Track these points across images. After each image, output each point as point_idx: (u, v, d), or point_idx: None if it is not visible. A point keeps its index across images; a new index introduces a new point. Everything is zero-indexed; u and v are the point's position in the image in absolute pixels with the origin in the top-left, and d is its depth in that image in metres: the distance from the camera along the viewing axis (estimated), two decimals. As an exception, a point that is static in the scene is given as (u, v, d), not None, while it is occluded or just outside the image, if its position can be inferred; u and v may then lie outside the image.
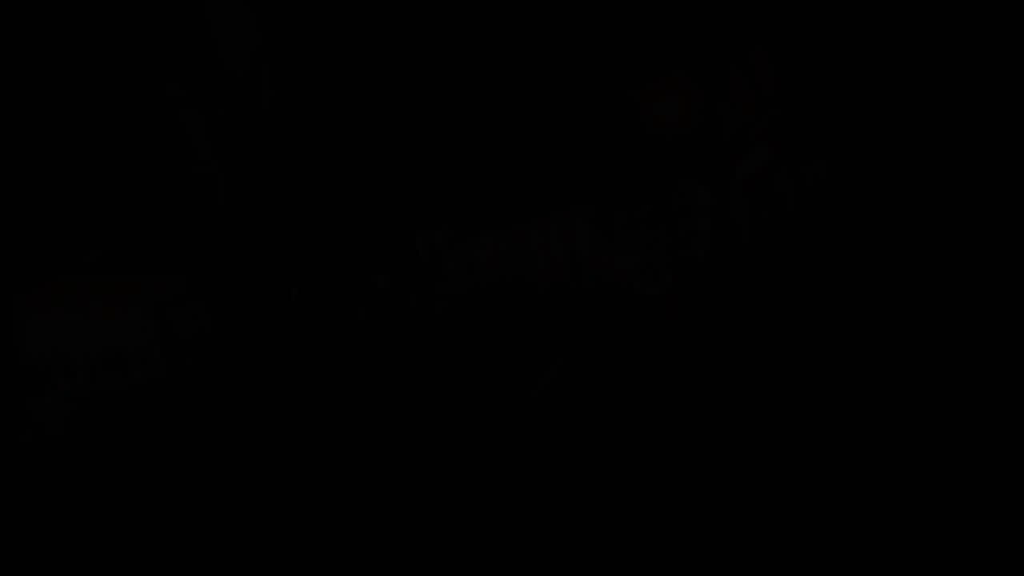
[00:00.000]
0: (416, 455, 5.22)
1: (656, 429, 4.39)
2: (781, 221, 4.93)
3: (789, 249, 4.66)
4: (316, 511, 4.60)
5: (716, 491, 3.37)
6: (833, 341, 4.43)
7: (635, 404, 5.04)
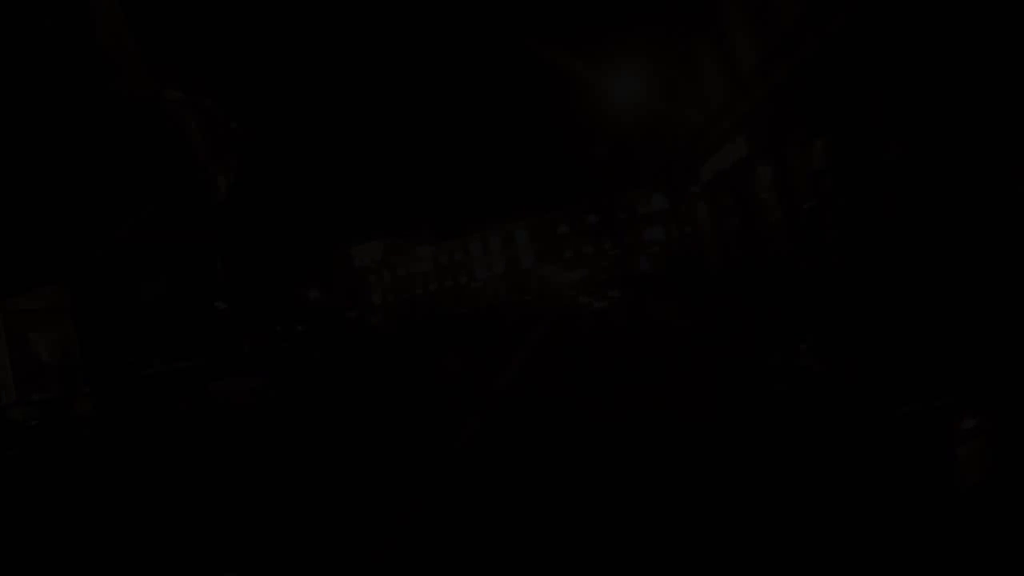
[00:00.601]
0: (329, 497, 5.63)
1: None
2: (759, 233, 4.96)
3: (768, 262, 5.07)
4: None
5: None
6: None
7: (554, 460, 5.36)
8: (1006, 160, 8.98)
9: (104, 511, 6.89)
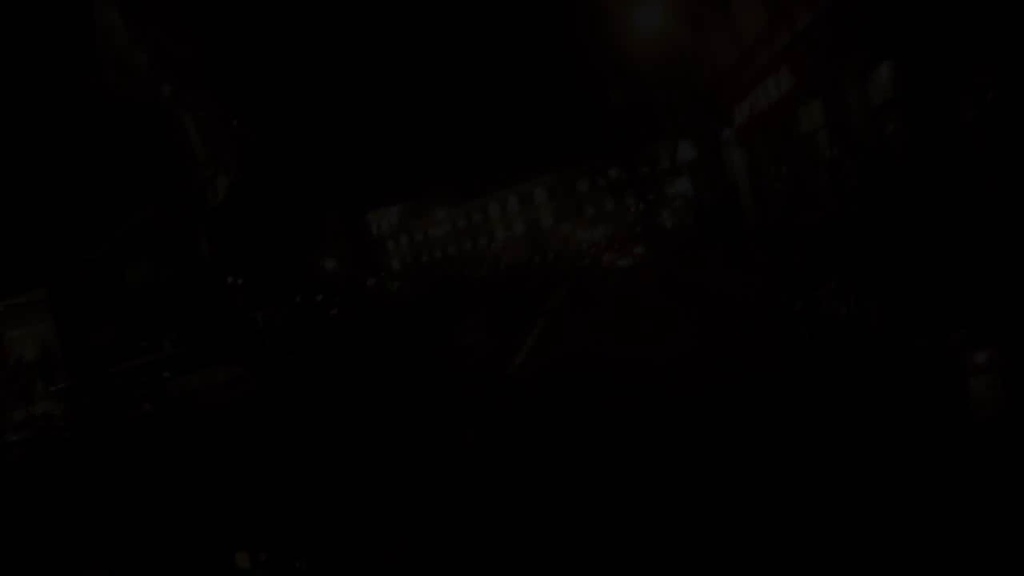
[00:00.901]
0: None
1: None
2: (803, 178, 8.17)
3: (812, 209, 7.89)
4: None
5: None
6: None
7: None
8: None
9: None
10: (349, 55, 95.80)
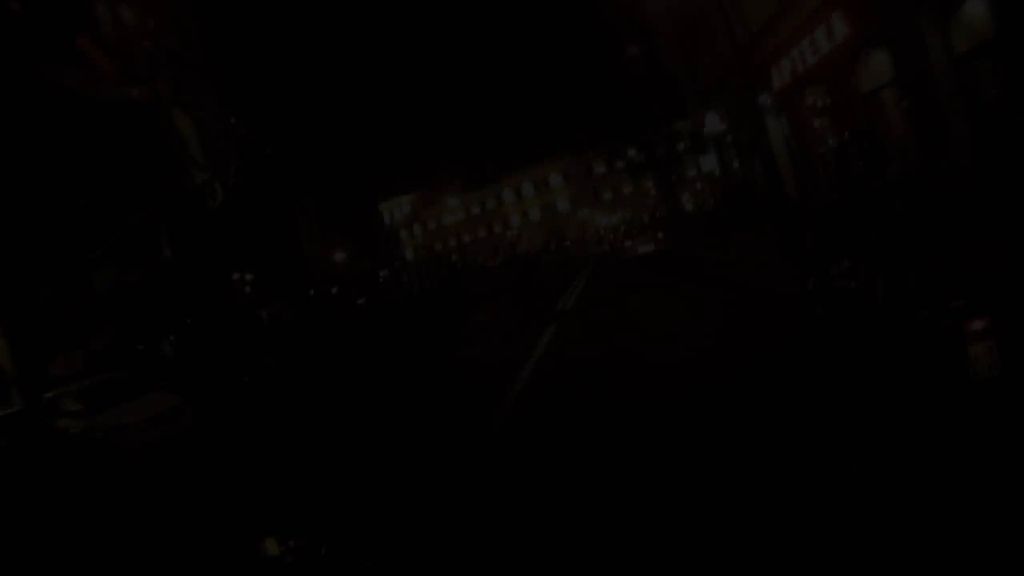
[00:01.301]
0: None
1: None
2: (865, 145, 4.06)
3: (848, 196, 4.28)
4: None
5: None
6: None
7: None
8: None
9: None
10: (354, 36, 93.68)
